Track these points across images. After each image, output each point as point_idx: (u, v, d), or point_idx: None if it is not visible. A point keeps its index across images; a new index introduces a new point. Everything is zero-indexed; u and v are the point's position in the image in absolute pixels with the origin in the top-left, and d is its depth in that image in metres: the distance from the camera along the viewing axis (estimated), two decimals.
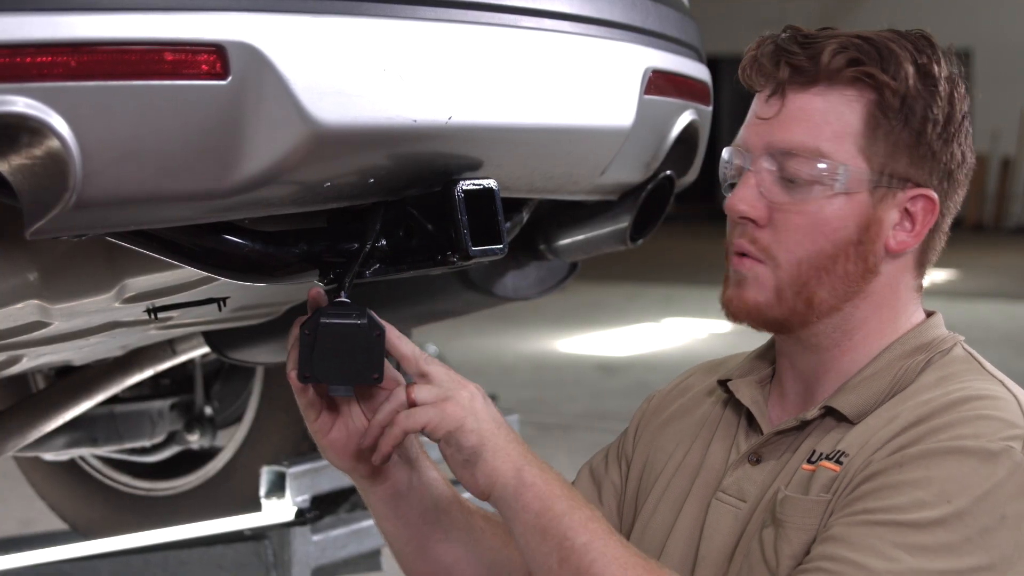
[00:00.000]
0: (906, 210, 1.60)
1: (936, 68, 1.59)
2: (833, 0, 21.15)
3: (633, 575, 1.50)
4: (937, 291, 12.67)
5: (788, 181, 1.58)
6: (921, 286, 1.67)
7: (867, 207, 1.59)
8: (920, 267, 1.65)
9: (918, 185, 1.60)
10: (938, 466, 1.48)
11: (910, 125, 1.58)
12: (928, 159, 1.60)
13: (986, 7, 21.42)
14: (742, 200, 1.60)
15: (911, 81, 1.57)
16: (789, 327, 1.62)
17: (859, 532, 1.47)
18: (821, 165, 1.57)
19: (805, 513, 1.55)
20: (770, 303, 1.60)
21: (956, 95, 1.60)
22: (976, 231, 20.39)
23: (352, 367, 1.64)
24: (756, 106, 1.63)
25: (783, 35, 1.62)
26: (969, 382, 1.58)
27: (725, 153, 1.65)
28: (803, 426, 1.62)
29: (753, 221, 1.60)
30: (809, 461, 1.59)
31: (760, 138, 1.60)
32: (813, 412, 1.62)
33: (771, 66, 1.60)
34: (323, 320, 1.63)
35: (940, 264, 1.67)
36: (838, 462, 1.56)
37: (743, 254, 1.61)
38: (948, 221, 1.65)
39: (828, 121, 1.58)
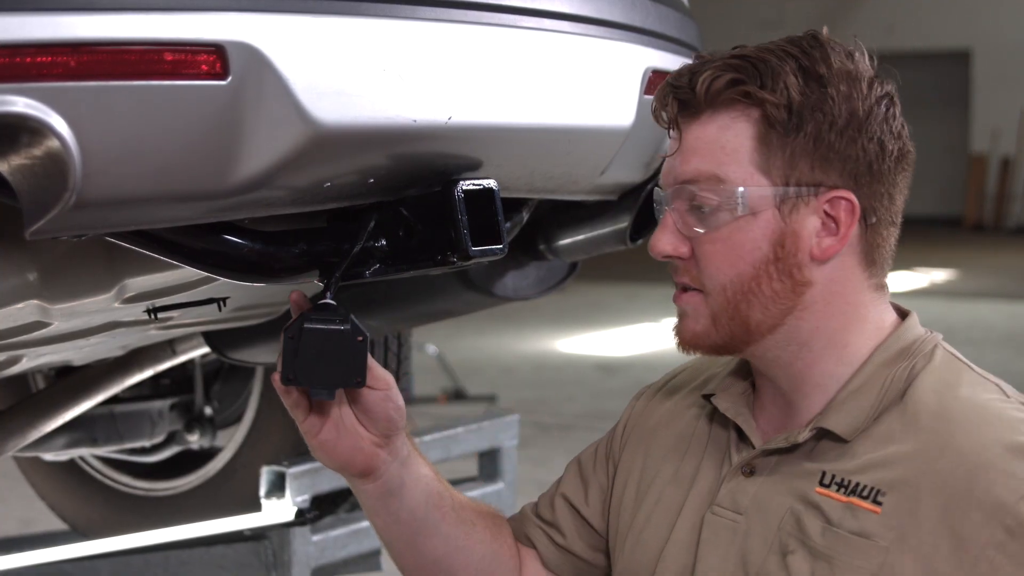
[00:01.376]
0: (827, 214, 1.57)
1: (824, 68, 1.56)
2: (833, 0, 21.15)
3: None
4: (937, 291, 12.66)
5: (699, 212, 1.59)
6: (882, 285, 1.64)
7: (777, 223, 1.57)
8: (870, 266, 1.62)
9: (831, 188, 1.57)
10: None
11: (804, 131, 1.55)
12: (835, 160, 1.57)
13: (986, 7, 21.41)
14: (659, 240, 1.63)
15: (794, 89, 1.55)
16: (737, 349, 1.63)
17: None
18: (720, 190, 1.57)
19: (856, 554, 1.53)
20: (708, 330, 1.62)
21: (856, 90, 1.57)
22: (976, 231, 20.39)
23: (335, 371, 1.65)
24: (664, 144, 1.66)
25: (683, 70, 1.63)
26: (971, 395, 1.57)
27: (655, 194, 1.67)
28: (793, 448, 1.61)
29: (678, 257, 1.62)
30: (822, 484, 1.58)
31: (669, 175, 1.63)
32: (804, 434, 1.60)
33: (660, 105, 1.62)
34: (306, 325, 1.64)
35: (940, 264, 1.66)
36: (876, 502, 1.54)
37: (684, 288, 1.63)
38: (890, 214, 1.61)
39: (721, 145, 1.58)
